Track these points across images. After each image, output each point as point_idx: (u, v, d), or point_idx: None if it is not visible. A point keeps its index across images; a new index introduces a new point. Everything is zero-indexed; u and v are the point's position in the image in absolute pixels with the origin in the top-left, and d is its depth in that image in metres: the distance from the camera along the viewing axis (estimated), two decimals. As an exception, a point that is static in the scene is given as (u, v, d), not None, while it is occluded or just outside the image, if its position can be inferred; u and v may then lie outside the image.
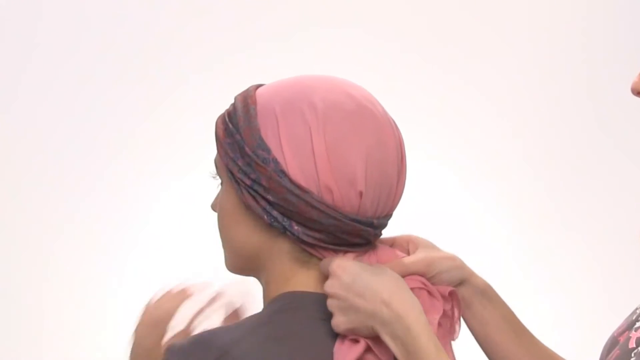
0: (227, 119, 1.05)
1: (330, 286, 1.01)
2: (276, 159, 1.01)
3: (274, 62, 2.33)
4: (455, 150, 2.50)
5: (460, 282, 1.12)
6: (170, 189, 2.36)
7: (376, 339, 0.99)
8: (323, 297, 1.03)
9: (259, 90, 1.07)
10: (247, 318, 1.04)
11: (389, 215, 1.07)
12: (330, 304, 1.01)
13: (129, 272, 2.34)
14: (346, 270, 1.00)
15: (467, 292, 1.12)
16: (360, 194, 1.02)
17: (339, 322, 1.00)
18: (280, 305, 1.03)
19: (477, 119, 2.51)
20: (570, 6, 2.55)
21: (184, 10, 2.39)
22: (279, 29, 2.41)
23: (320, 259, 1.04)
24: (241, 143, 1.02)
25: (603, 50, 2.54)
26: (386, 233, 1.10)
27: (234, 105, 1.06)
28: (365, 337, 1.00)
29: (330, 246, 1.03)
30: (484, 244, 2.52)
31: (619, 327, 1.13)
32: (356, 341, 1.00)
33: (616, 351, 1.08)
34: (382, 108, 1.07)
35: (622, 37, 2.51)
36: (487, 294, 1.15)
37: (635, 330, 1.07)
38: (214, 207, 1.11)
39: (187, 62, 2.38)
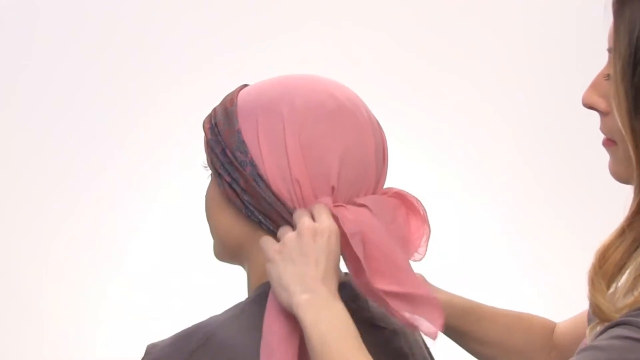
0: (212, 120, 1.07)
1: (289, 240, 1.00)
2: (253, 161, 1.02)
3: (269, 61, 2.33)
4: (453, 150, 2.50)
5: None
6: (169, 187, 2.36)
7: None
8: None
9: (245, 90, 1.09)
10: (229, 308, 1.06)
11: None
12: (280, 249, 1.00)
13: (128, 271, 2.35)
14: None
15: None
16: (332, 188, 1.02)
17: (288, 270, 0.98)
18: (254, 297, 1.05)
19: (475, 118, 2.51)
20: (567, 3, 2.54)
21: (180, 9, 2.39)
22: (273, 29, 2.41)
23: None
24: (223, 144, 1.04)
25: (601, 48, 2.53)
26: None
27: (217, 107, 1.08)
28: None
29: None
30: (483, 244, 2.52)
31: None
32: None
33: None
34: (367, 109, 1.07)
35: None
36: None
37: None
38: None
39: (185, 61, 2.38)
